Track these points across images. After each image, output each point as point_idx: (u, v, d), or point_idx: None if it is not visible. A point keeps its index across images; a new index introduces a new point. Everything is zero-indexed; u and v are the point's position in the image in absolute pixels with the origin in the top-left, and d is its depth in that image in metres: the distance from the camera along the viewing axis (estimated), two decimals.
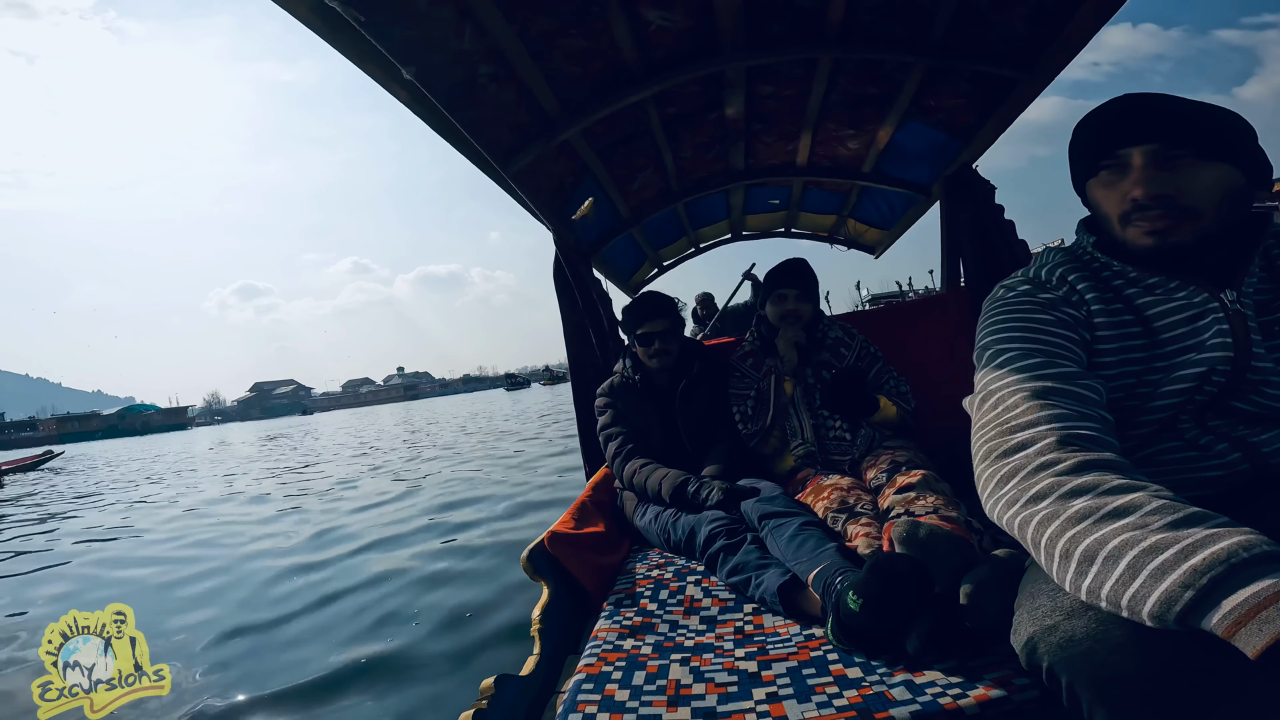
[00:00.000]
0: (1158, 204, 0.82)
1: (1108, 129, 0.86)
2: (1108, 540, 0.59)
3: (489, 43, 1.68)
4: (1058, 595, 0.69)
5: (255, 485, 8.52)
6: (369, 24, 1.32)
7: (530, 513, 4.54)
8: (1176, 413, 0.87)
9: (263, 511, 6.10)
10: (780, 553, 1.43)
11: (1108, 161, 0.86)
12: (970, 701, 0.90)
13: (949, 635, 1.03)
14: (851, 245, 4.17)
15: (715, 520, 1.62)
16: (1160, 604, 0.53)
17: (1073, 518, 0.63)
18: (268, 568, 3.84)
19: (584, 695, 1.05)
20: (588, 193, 2.68)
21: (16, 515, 8.16)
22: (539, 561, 1.55)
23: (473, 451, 9.52)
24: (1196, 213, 0.81)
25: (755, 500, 1.61)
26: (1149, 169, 0.82)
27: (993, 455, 0.76)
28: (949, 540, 1.18)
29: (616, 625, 1.32)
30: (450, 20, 1.55)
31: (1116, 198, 0.86)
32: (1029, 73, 1.96)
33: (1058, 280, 0.94)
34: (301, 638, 2.63)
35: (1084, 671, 0.63)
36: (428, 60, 1.57)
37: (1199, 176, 0.80)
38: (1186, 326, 0.85)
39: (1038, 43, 1.87)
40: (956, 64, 2.05)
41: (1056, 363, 0.82)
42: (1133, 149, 0.83)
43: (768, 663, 1.12)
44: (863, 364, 2.02)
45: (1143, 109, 0.83)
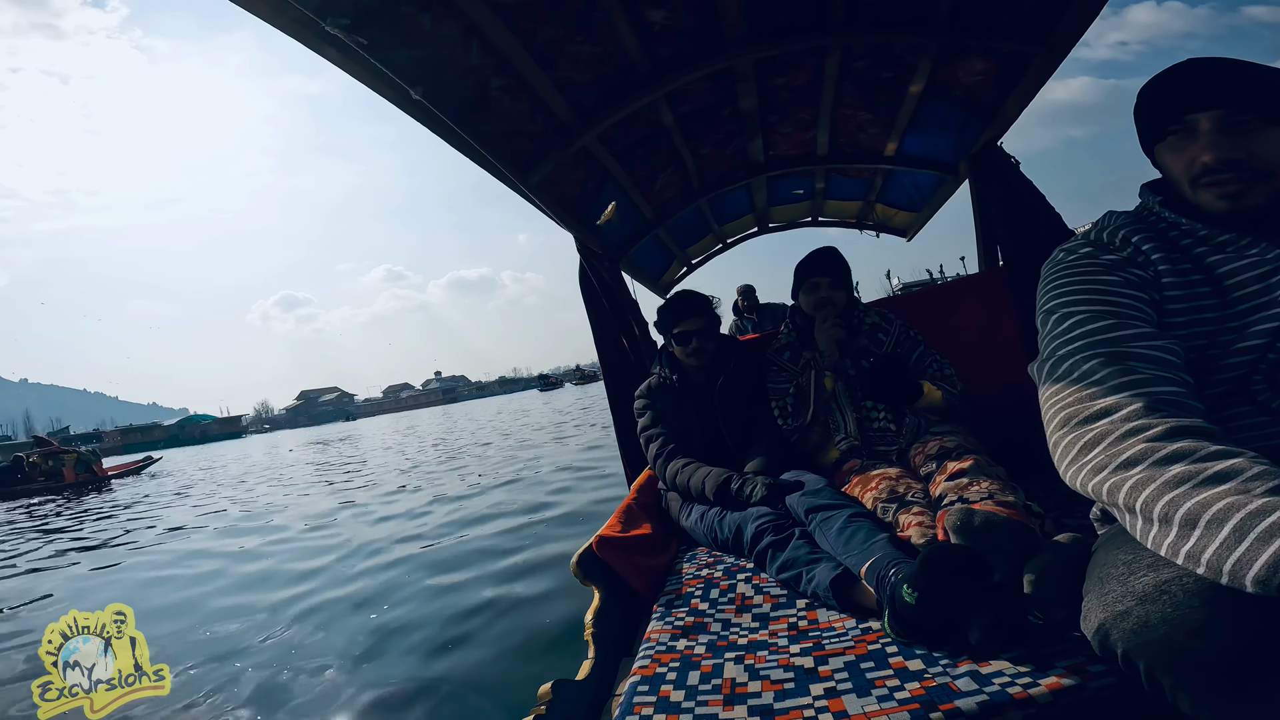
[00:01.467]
0: (1228, 168, 0.81)
1: (1173, 95, 0.85)
2: (1211, 504, 0.56)
3: (497, 56, 1.70)
4: (1128, 579, 0.67)
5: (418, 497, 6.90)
6: (373, 48, 1.35)
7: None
8: (1249, 373, 0.83)
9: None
10: (830, 546, 1.41)
11: (1175, 127, 0.85)
12: (1042, 690, 0.87)
13: (1012, 625, 0.99)
14: (882, 230, 4.10)
15: (761, 517, 1.60)
16: (1268, 568, 0.51)
17: (1170, 482, 0.60)
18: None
19: (640, 697, 1.05)
20: (610, 197, 2.69)
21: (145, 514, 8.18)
22: (589, 566, 1.55)
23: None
24: (1270, 174, 0.80)
25: (801, 494, 1.59)
26: (1216, 134, 0.81)
27: (1072, 422, 0.73)
28: (1006, 526, 1.14)
29: (669, 626, 1.32)
30: (456, 37, 1.57)
31: (1185, 161, 0.85)
32: (1043, 46, 1.92)
33: (1121, 241, 0.91)
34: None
35: (1163, 657, 0.61)
36: (438, 78, 1.60)
37: (1269, 140, 0.80)
38: (1259, 284, 0.82)
39: (1047, 15, 1.83)
40: (967, 42, 2.01)
41: (1130, 324, 0.80)
42: (1199, 114, 0.82)
43: (824, 658, 1.10)
44: (902, 349, 1.97)
45: (1208, 74, 0.82)
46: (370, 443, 19.35)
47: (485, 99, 1.81)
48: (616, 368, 2.73)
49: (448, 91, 1.66)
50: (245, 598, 3.74)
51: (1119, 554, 0.72)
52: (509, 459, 9.18)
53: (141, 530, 7.11)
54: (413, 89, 1.52)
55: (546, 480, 6.62)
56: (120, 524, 7.90)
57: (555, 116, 2.09)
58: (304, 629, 3.03)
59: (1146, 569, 0.66)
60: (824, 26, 2.01)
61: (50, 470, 14.22)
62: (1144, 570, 0.66)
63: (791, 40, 2.05)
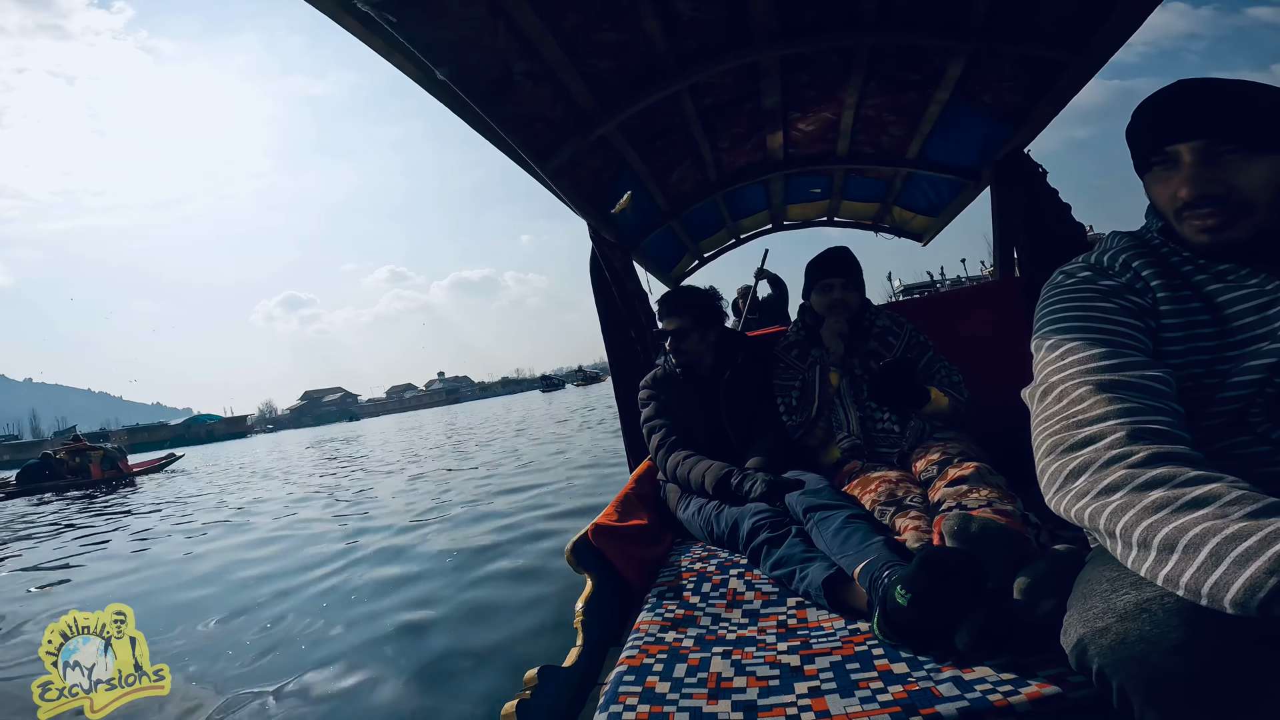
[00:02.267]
0: (1207, 202, 0.79)
1: (1157, 123, 0.83)
2: (1188, 529, 0.57)
3: (522, 40, 1.69)
4: (1110, 596, 0.67)
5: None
6: (400, 25, 1.35)
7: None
8: (1247, 405, 0.82)
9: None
10: (826, 545, 1.41)
11: (1157, 158, 0.84)
12: (1022, 699, 0.87)
13: (1001, 632, 0.99)
14: (897, 233, 4.06)
15: (759, 513, 1.60)
16: (1244, 591, 0.52)
17: (1149, 507, 0.61)
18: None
19: (625, 687, 1.06)
20: (626, 186, 2.68)
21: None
22: (583, 554, 1.56)
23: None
24: (1250, 208, 0.78)
25: (800, 492, 1.59)
26: (1196, 167, 0.79)
27: (1058, 449, 0.74)
28: (1002, 534, 1.14)
29: (658, 618, 1.32)
30: (483, 19, 1.57)
31: (1169, 195, 0.83)
32: (1079, 54, 1.87)
33: (1121, 266, 0.90)
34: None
35: (1136, 675, 0.62)
36: (463, 59, 1.60)
37: (1250, 172, 0.77)
38: (1257, 315, 0.81)
39: (1087, 23, 1.78)
40: (1001, 47, 1.97)
41: (1122, 352, 0.79)
42: (1180, 145, 0.80)
43: (810, 657, 1.10)
44: (912, 354, 1.96)
45: (1190, 102, 0.80)
46: (375, 442, 19.38)
47: (508, 82, 1.80)
48: (623, 358, 2.72)
49: (472, 73, 1.66)
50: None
51: (1105, 570, 0.72)
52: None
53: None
54: (438, 69, 1.52)
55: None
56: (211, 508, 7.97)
57: (576, 103, 2.08)
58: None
59: (1130, 587, 0.66)
60: (854, 26, 1.98)
61: (77, 467, 14.60)
62: (1127, 588, 0.66)
63: (820, 38, 2.02)
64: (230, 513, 7.26)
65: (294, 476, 10.81)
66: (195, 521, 6.89)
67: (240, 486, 10.38)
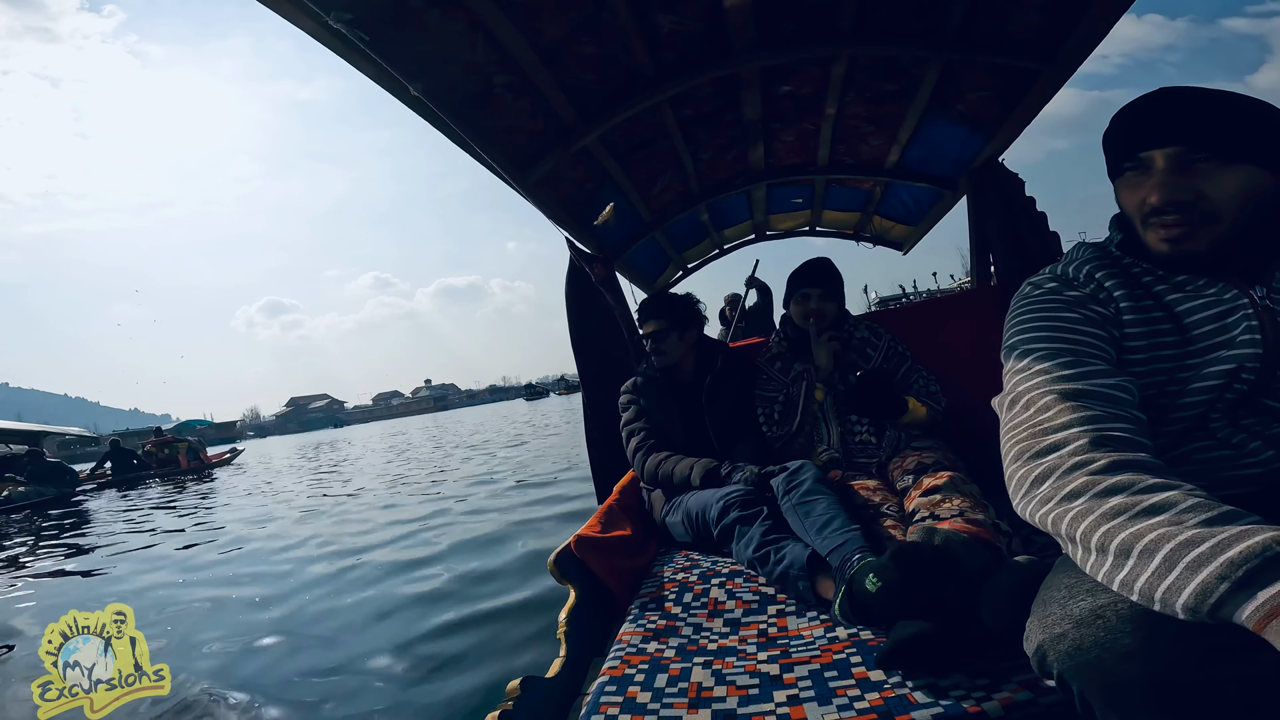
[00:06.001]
0: (1175, 209, 0.80)
1: (1132, 129, 0.84)
2: (1143, 535, 0.59)
3: (501, 53, 1.70)
4: (1067, 603, 0.69)
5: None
6: (374, 44, 1.36)
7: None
8: (1207, 410, 0.85)
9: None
10: (803, 529, 1.43)
11: (1130, 164, 0.85)
12: (994, 705, 0.89)
13: (961, 639, 1.02)
14: (878, 242, 4.11)
15: (730, 493, 1.62)
16: (1195, 596, 0.53)
17: (1107, 514, 0.63)
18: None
19: (607, 697, 1.06)
20: (608, 198, 2.69)
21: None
22: (566, 565, 1.56)
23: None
24: (1215, 217, 0.80)
25: (786, 473, 1.61)
26: (1168, 173, 0.80)
27: (1025, 456, 0.76)
28: (965, 546, 1.16)
29: (641, 628, 1.33)
30: (462, 32, 1.58)
31: (1138, 200, 0.85)
32: (1050, 64, 1.92)
33: (1085, 277, 0.92)
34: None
35: (1093, 679, 0.63)
36: (441, 74, 1.60)
37: (1220, 181, 0.78)
38: (1216, 324, 0.84)
39: (1056, 33, 1.83)
40: (975, 57, 2.01)
41: (1085, 362, 0.81)
42: (1154, 151, 0.81)
43: (790, 665, 1.12)
44: (890, 364, 1.99)
45: (1167, 109, 0.82)
46: (362, 450, 19.55)
47: (487, 96, 1.81)
48: (595, 375, 2.68)
49: (449, 87, 1.66)
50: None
51: (1064, 578, 0.73)
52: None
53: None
54: (412, 84, 1.52)
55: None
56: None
57: (557, 116, 2.09)
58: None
59: (1085, 594, 0.68)
60: (832, 36, 2.01)
61: (166, 458, 15.50)
62: (1083, 595, 0.68)
63: (799, 49, 2.05)
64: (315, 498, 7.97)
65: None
66: (298, 500, 7.85)
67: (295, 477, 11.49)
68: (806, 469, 1.61)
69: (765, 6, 1.85)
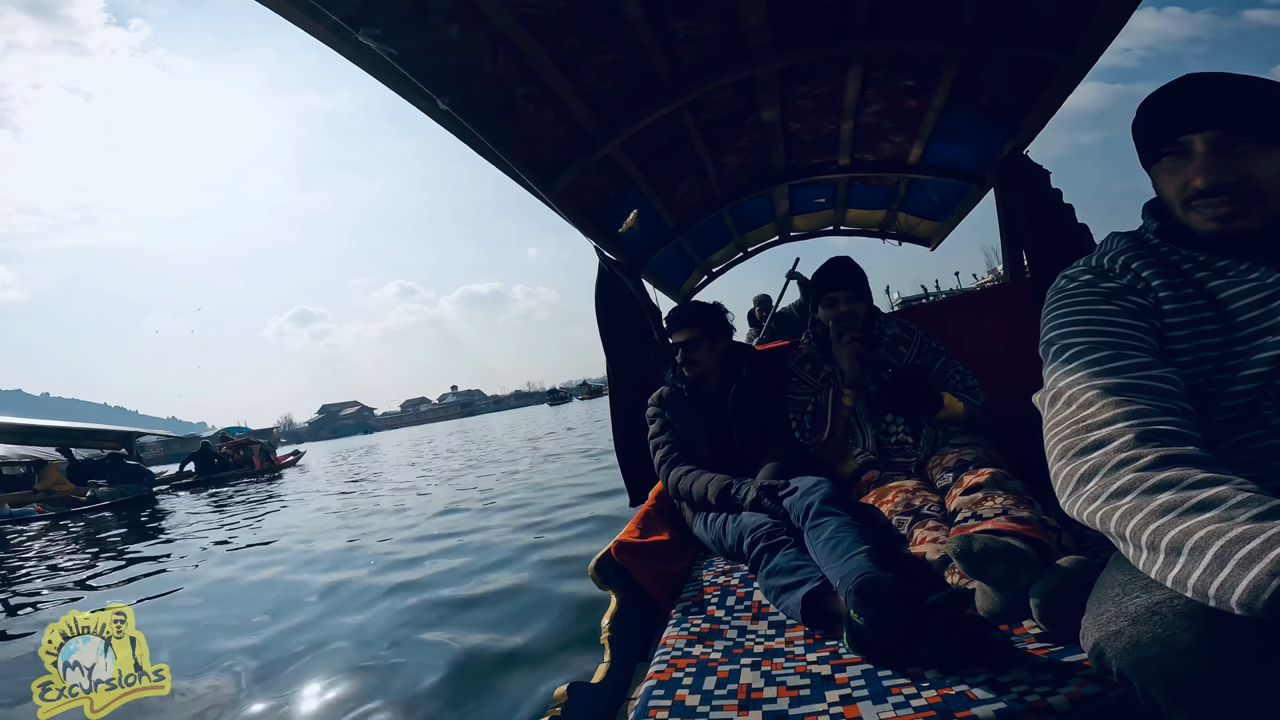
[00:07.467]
0: (1221, 191, 0.79)
1: (1169, 114, 0.83)
2: (1193, 532, 0.58)
3: (522, 65, 1.73)
4: (1122, 600, 0.68)
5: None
6: (402, 58, 1.39)
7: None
8: (1258, 398, 0.82)
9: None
10: (816, 554, 1.43)
11: (1169, 149, 0.84)
12: (1061, 699, 0.87)
13: (962, 641, 1.03)
14: (904, 239, 4.06)
15: (758, 525, 1.61)
16: (1249, 592, 0.53)
17: (1156, 511, 0.62)
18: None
19: (655, 701, 1.06)
20: (631, 205, 2.71)
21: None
22: (606, 571, 1.56)
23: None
24: (1264, 197, 0.79)
25: (798, 496, 1.59)
26: (1211, 157, 0.80)
27: (1069, 454, 0.75)
28: (1006, 551, 1.13)
29: (685, 632, 1.32)
30: (483, 46, 1.60)
31: (1179, 184, 0.84)
32: (1069, 54, 1.89)
33: (1120, 268, 0.91)
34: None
35: (1156, 676, 0.63)
36: (465, 87, 1.63)
37: (1264, 162, 0.78)
38: (1261, 309, 0.81)
39: (1073, 23, 1.81)
40: (992, 50, 1.99)
41: (1126, 354, 0.80)
42: (1194, 135, 0.81)
43: (841, 666, 1.10)
44: (923, 360, 1.94)
45: (1203, 93, 0.81)
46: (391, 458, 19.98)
47: (510, 107, 1.84)
48: (625, 381, 2.71)
49: (474, 100, 1.69)
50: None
51: (1118, 574, 0.72)
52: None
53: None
54: (440, 98, 1.55)
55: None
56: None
57: (579, 125, 2.12)
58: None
59: (1140, 590, 0.67)
60: (846, 35, 2.01)
61: (241, 459, 16.79)
62: (1138, 591, 0.67)
63: (813, 49, 2.05)
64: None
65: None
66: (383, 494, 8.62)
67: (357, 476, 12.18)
68: (817, 489, 1.59)
69: (779, 8, 1.86)
